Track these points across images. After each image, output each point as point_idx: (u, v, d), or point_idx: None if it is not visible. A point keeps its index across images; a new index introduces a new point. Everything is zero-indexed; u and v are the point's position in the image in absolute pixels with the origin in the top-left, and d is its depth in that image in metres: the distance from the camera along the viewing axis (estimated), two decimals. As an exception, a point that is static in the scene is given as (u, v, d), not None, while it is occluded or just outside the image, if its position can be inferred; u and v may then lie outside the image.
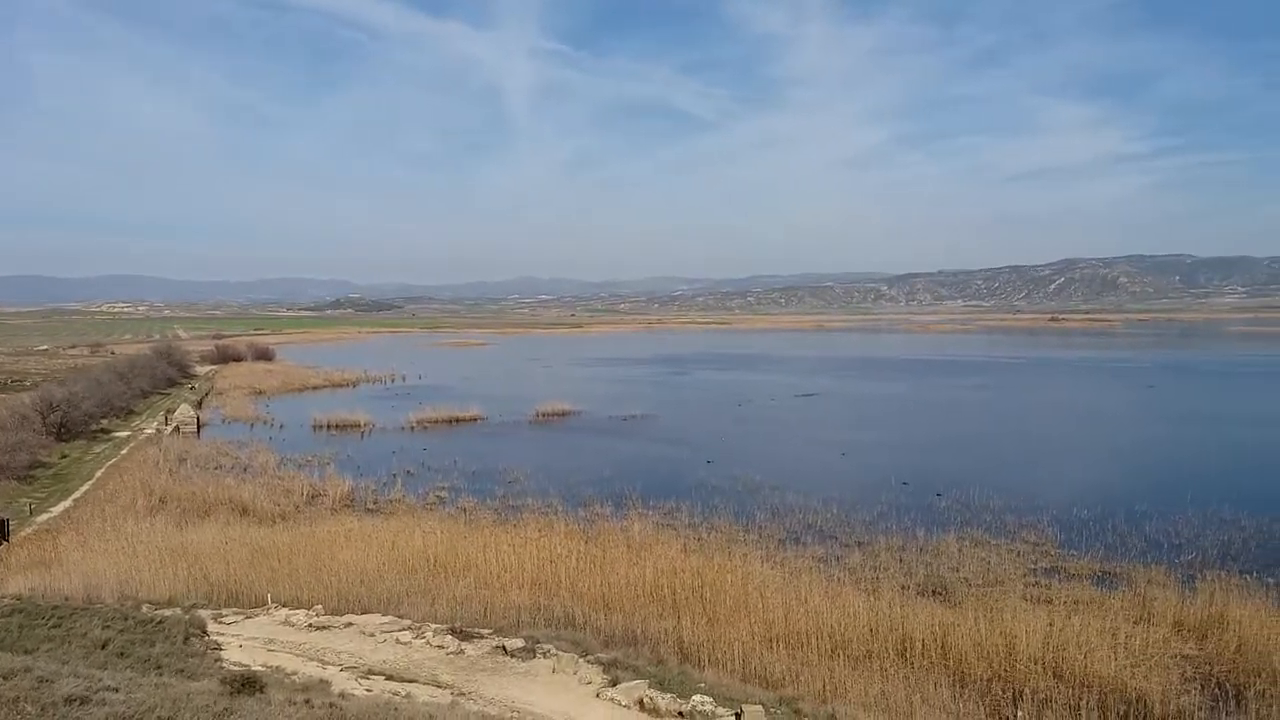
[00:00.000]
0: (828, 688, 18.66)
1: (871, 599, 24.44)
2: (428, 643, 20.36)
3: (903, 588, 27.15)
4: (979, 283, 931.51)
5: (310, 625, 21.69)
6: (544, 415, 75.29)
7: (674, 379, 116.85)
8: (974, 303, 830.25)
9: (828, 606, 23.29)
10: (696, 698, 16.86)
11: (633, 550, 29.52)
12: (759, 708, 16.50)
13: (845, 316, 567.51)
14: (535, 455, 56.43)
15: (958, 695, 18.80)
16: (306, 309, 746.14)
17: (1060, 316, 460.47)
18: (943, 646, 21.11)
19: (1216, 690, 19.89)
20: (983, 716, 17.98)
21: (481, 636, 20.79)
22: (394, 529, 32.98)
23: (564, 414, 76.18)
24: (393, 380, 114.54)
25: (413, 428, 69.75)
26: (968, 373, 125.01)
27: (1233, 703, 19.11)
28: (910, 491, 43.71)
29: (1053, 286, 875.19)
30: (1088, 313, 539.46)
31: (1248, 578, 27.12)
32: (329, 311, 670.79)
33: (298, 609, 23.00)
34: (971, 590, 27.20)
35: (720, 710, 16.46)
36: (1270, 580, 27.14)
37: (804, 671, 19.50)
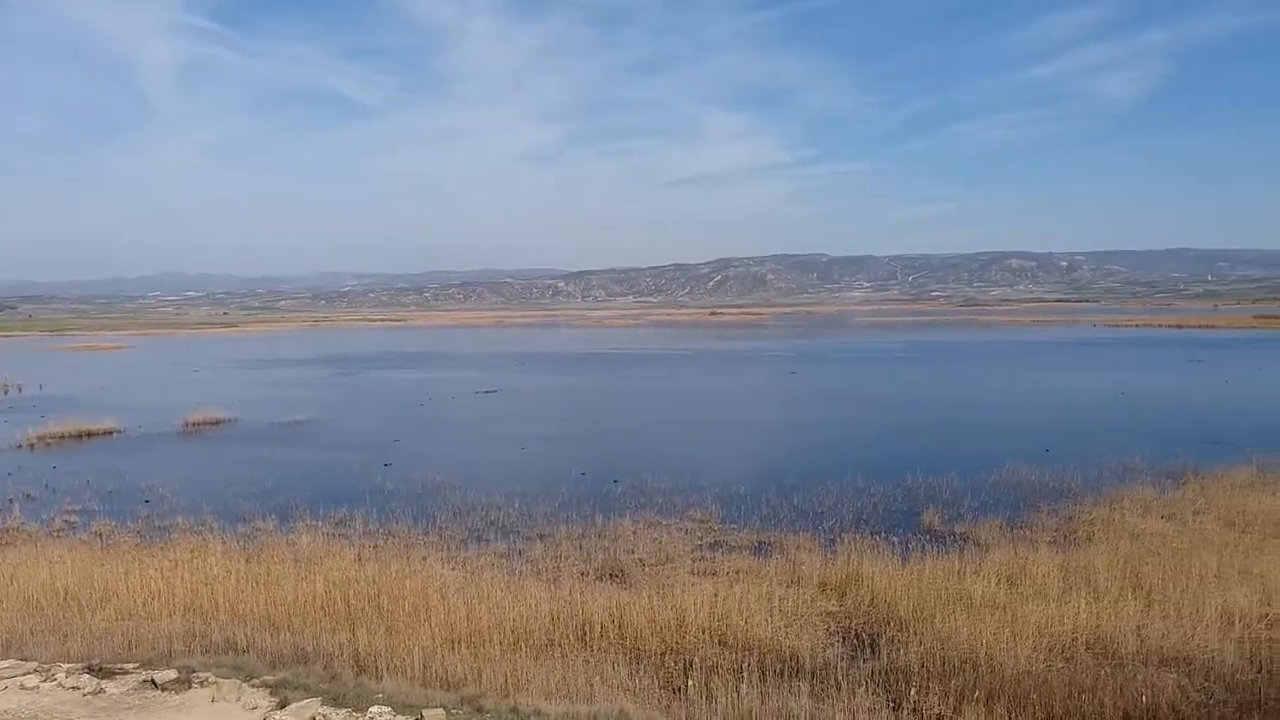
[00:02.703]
0: (510, 681, 18.59)
1: (552, 588, 24.82)
2: (59, 685, 17.69)
3: (582, 574, 27.82)
4: (647, 279, 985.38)
5: (-100, 685, 18.05)
6: (194, 425, 68.61)
7: (345, 380, 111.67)
8: (644, 298, 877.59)
9: (510, 601, 23.28)
10: (374, 709, 16.09)
11: (301, 564, 27.76)
12: (440, 710, 16.08)
13: (525, 312, 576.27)
14: (185, 469, 51.29)
15: (634, 672, 19.49)
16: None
17: (718, 311, 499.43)
18: (620, 627, 21.82)
19: (855, 641, 22.26)
20: (657, 689, 18.74)
21: (125, 672, 18.42)
22: (12, 561, 28.52)
23: (218, 422, 69.93)
24: (5, 392, 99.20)
25: (33, 445, 60.75)
26: (639, 364, 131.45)
27: (868, 650, 21.47)
28: (589, 480, 44.96)
29: (711, 283, 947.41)
30: (742, 307, 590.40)
31: (877, 538, 30.75)
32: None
33: (-118, 667, 19.07)
34: (646, 570, 28.41)
35: (400, 717, 15.84)
36: (894, 539, 30.97)
37: (486, 668, 19.29)
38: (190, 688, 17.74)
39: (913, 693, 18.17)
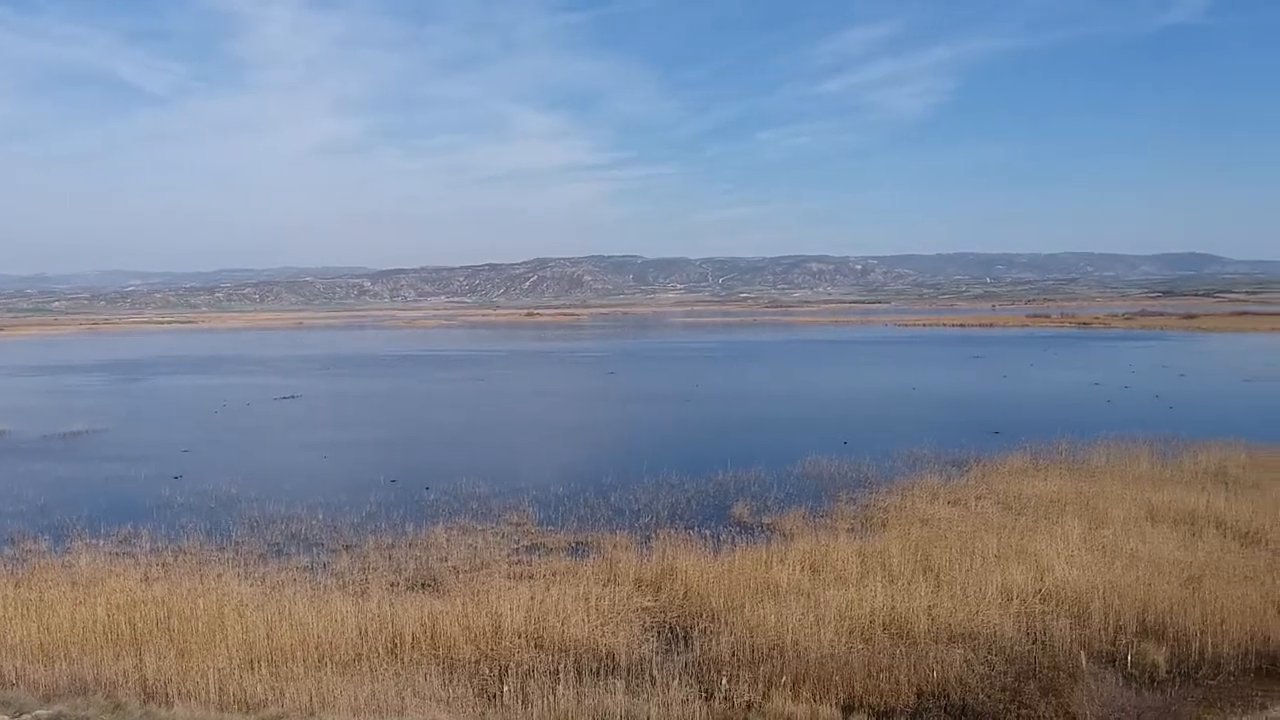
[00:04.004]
0: (315, 699, 17.80)
1: (360, 601, 23.92)
2: None
3: (392, 585, 26.93)
4: (461, 279, 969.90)
5: None
6: (-47, 438, 61.70)
7: (128, 387, 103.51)
8: (457, 299, 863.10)
9: (314, 617, 22.25)
10: (162, 742, 14.93)
11: (79, 587, 25.55)
12: (237, 738, 15.15)
13: (328, 313, 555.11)
14: (-58, 487, 45.96)
15: (448, 682, 19.08)
16: None
17: (535, 311, 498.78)
18: (432, 637, 21.33)
19: (670, 635, 22.68)
20: (471, 697, 18.42)
21: None
22: None
23: (-18, 435, 63.21)
24: None
25: None
26: (453, 366, 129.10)
27: (683, 644, 21.91)
28: (399, 488, 43.59)
29: (528, 283, 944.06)
30: (559, 308, 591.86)
31: (691, 532, 31.55)
32: None
33: None
34: (460, 577, 27.77)
35: (191, 751, 14.77)
36: (707, 532, 31.87)
37: (289, 687, 18.37)
38: (-57, 732, 15.94)
39: (724, 682, 18.69)
